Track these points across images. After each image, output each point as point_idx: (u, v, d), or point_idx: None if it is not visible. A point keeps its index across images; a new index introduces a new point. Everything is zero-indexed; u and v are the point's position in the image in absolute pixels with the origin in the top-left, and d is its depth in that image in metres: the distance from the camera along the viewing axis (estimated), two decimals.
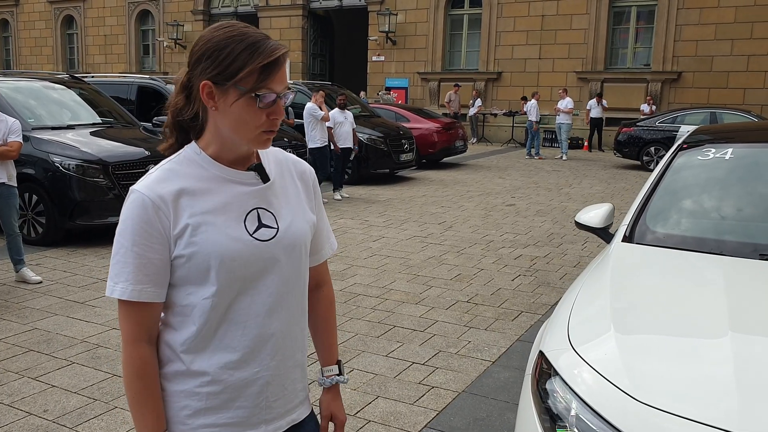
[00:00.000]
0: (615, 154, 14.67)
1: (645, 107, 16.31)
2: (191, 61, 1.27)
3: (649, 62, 17.62)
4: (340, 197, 9.85)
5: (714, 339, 1.92)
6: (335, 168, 9.90)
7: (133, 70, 25.29)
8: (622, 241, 2.74)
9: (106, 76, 11.83)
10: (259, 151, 1.37)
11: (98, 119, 7.72)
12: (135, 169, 6.69)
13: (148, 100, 9.55)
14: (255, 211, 1.31)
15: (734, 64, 16.47)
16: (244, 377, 1.31)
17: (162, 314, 1.32)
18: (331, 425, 1.58)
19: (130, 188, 1.28)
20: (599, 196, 10.32)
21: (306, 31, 22.72)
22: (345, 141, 9.78)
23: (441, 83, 20.17)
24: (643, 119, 14.69)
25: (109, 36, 26.62)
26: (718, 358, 1.80)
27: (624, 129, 14.34)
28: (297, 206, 1.39)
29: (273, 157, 1.41)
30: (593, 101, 16.65)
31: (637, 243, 2.71)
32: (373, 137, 11.39)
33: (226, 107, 1.24)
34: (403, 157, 11.80)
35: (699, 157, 3.13)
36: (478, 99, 18.86)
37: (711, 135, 3.64)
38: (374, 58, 21.27)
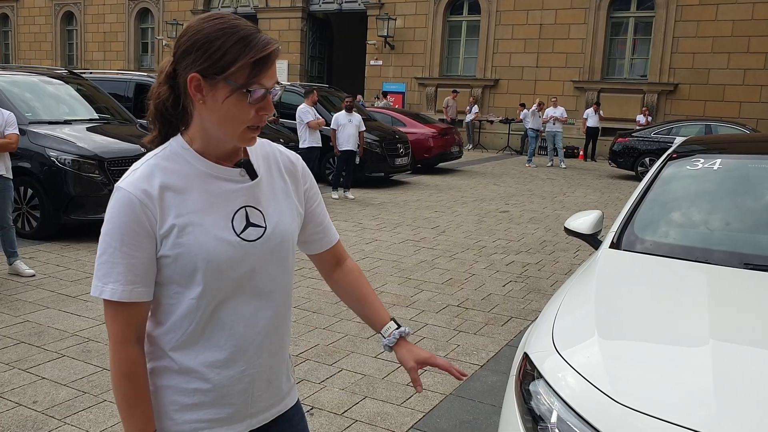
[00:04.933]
0: (610, 163, 14.74)
1: (641, 118, 16.41)
2: (178, 52, 1.23)
3: (646, 73, 17.73)
4: (337, 197, 9.90)
5: (695, 347, 1.95)
6: (336, 169, 9.97)
7: (131, 67, 25.27)
8: (610, 247, 2.77)
9: (104, 73, 11.84)
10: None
11: (95, 115, 7.73)
12: (130, 166, 6.70)
13: (146, 98, 9.57)
14: (243, 209, 1.28)
15: (731, 77, 16.59)
16: (231, 375, 1.30)
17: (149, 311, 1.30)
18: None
19: (115, 185, 1.24)
20: (593, 205, 10.37)
21: (305, 33, 22.77)
22: (347, 143, 9.77)
23: (438, 89, 20.23)
24: (639, 130, 14.78)
25: (108, 33, 26.62)
26: (698, 365, 1.83)
27: (619, 139, 14.42)
28: (285, 203, 1.37)
29: (260, 150, 1.37)
30: (590, 110, 16.72)
31: (624, 250, 2.74)
32: (368, 140, 11.42)
33: (216, 102, 1.20)
34: (399, 161, 11.83)
35: (688, 167, 3.17)
36: (475, 105, 18.93)
37: (701, 145, 3.69)
38: (372, 62, 21.32)
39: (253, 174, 1.31)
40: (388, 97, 19.85)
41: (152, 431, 1.27)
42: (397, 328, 1.50)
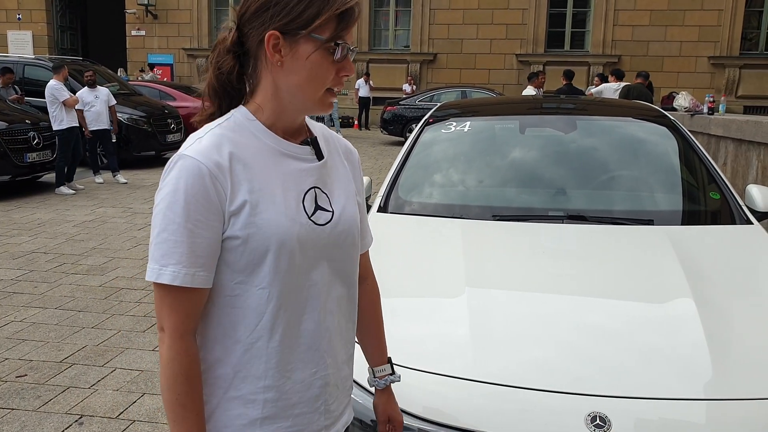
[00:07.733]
0: (381, 131, 15.49)
1: (406, 87, 17.45)
2: (247, 13, 1.10)
3: (409, 44, 18.83)
4: (101, 180, 9.02)
5: (453, 298, 2.09)
6: (90, 153, 9.09)
7: None
8: (378, 211, 2.87)
9: None
10: (308, 124, 1.22)
11: None
12: None
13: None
14: (312, 190, 1.15)
15: (480, 46, 18.33)
16: (302, 379, 1.16)
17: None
18: None
19: (178, 153, 1.07)
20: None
21: (51, 0, 20.18)
22: (97, 122, 8.85)
23: (208, 60, 19.37)
24: (405, 98, 15.72)
25: None
26: (455, 315, 1.97)
27: (388, 108, 15.20)
28: (347, 189, 1.24)
29: (320, 132, 1.25)
30: (361, 81, 17.35)
31: (391, 213, 2.86)
32: (134, 117, 10.57)
33: (296, 62, 1.08)
34: (170, 137, 11.15)
35: (443, 131, 3.39)
36: None
37: (454, 109, 3.98)
38: (134, 33, 19.70)
39: (320, 154, 1.20)
40: (155, 69, 18.55)
41: None
42: (390, 374, 1.43)
